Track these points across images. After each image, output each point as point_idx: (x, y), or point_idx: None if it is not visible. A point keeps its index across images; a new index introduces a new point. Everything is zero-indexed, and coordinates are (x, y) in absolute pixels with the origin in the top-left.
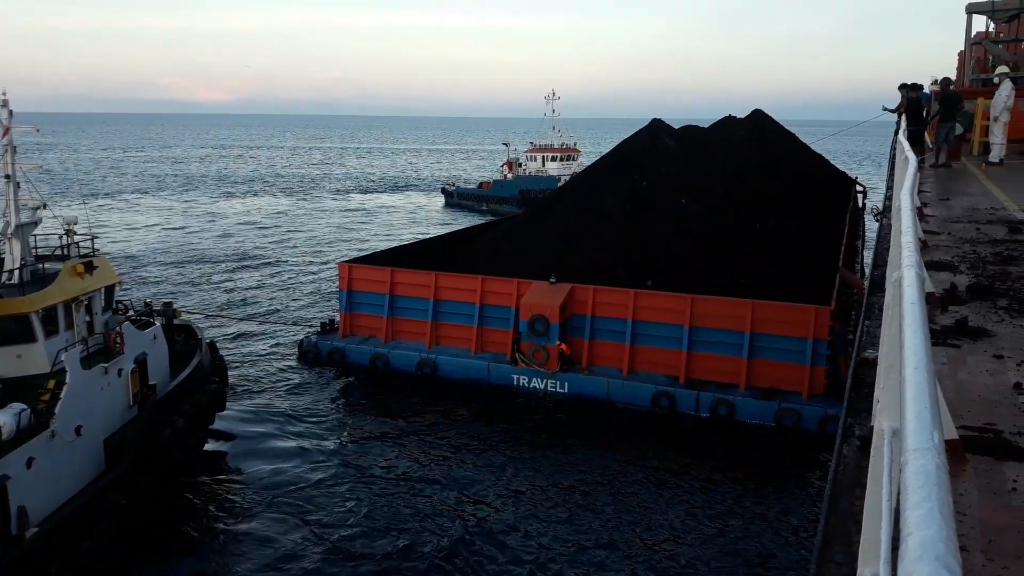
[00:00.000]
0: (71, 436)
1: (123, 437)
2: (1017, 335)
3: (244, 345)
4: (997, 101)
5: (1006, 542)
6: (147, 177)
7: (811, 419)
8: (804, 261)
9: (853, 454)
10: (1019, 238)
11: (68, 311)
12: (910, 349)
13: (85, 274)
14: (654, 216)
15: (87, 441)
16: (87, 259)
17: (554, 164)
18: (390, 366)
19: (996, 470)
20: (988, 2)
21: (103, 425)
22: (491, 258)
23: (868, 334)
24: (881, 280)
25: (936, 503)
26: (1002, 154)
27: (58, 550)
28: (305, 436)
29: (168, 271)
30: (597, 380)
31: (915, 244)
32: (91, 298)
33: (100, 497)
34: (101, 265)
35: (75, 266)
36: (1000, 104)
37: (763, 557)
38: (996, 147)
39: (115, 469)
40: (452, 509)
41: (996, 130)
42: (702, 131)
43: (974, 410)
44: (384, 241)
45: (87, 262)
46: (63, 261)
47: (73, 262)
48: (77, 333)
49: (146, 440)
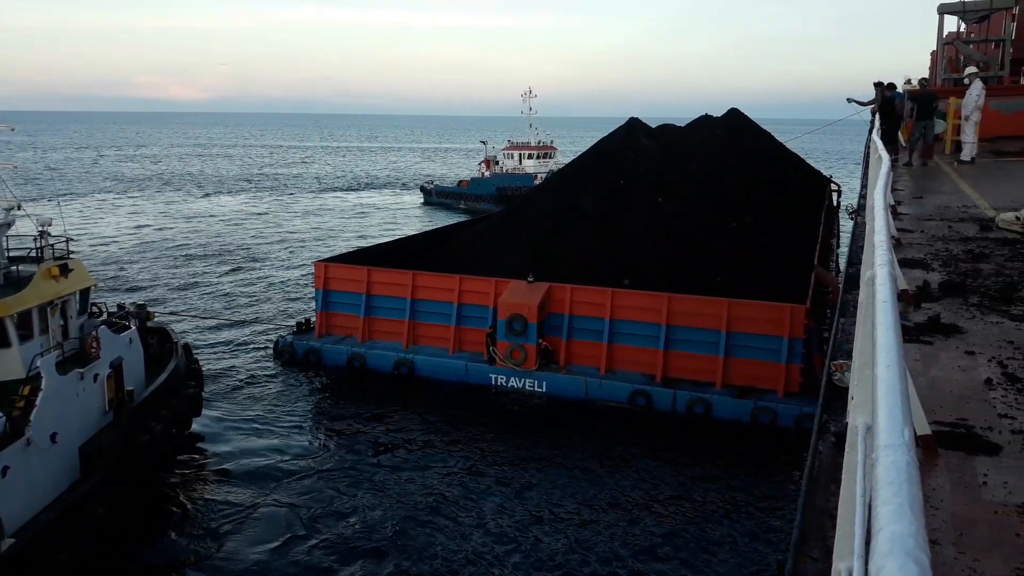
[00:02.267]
0: (46, 444)
1: (99, 444)
2: (987, 332)
3: (218, 346)
4: (968, 100)
5: (977, 535)
6: (122, 177)
7: (787, 417)
8: (780, 259)
9: (828, 450)
10: (989, 236)
11: (43, 315)
12: (882, 347)
13: (60, 277)
14: (631, 215)
15: (62, 448)
16: (62, 261)
17: (531, 162)
18: (367, 366)
19: (967, 464)
20: (959, 3)
21: (79, 432)
22: (469, 257)
23: (843, 332)
24: (855, 278)
25: (906, 498)
26: (974, 152)
27: (35, 561)
28: (281, 438)
29: (141, 272)
30: (575, 379)
31: (887, 243)
32: (66, 301)
33: (77, 506)
34: (76, 268)
35: (50, 269)
36: (971, 103)
37: (739, 552)
38: (968, 146)
39: (91, 477)
40: (432, 508)
41: (968, 129)
42: (679, 130)
43: (946, 406)
44: (363, 240)
45: (62, 264)
46: (37, 263)
47: (48, 264)
48: (52, 337)
49: (123, 447)
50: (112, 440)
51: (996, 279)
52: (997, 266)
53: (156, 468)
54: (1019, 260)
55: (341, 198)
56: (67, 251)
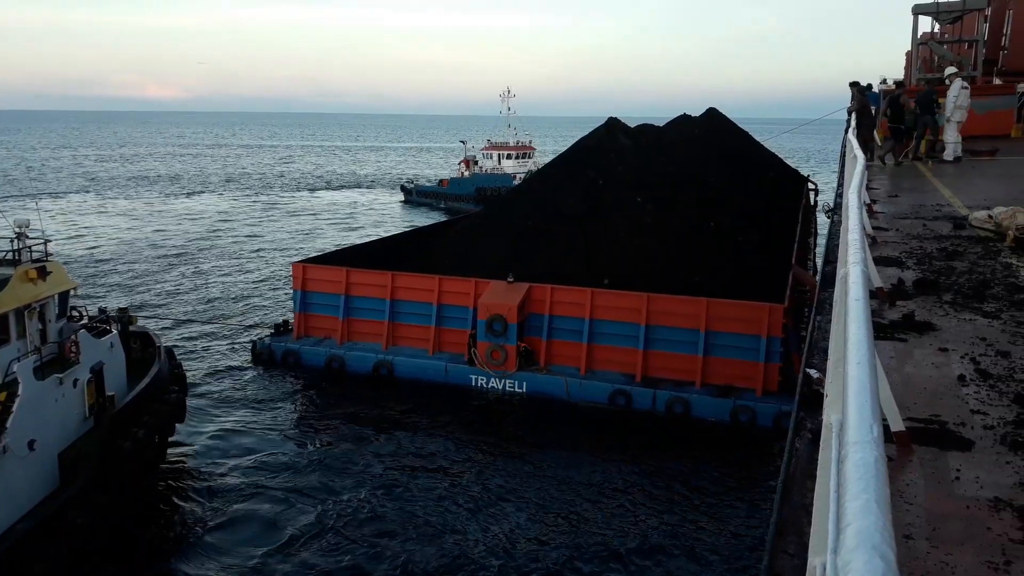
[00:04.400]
0: (24, 451)
1: (79, 451)
2: (960, 329)
3: (195, 348)
4: (948, 101)
5: (949, 529)
6: (100, 177)
7: (766, 415)
8: (758, 258)
9: (805, 447)
10: (963, 234)
11: (20, 319)
12: (853, 344)
13: (38, 280)
14: (610, 214)
15: (41, 456)
16: (40, 264)
17: (510, 162)
18: (346, 368)
19: (941, 460)
20: (933, 4)
21: (58, 439)
22: (449, 257)
23: (819, 330)
24: (832, 276)
25: (873, 494)
26: (958, 152)
27: (12, 573)
28: (260, 442)
29: (118, 274)
30: (555, 379)
31: (861, 241)
32: (44, 305)
33: (55, 515)
34: (55, 270)
35: (27, 271)
36: (951, 104)
37: (717, 548)
38: (951, 146)
39: (70, 485)
40: (410, 510)
41: (949, 129)
42: (658, 129)
43: (920, 402)
44: (344, 240)
45: (40, 267)
46: (14, 266)
47: (25, 267)
48: (30, 342)
49: (103, 453)
50: (92, 447)
51: (969, 277)
52: (970, 264)
53: (138, 476)
54: (991, 258)
55: (321, 197)
56: (45, 253)
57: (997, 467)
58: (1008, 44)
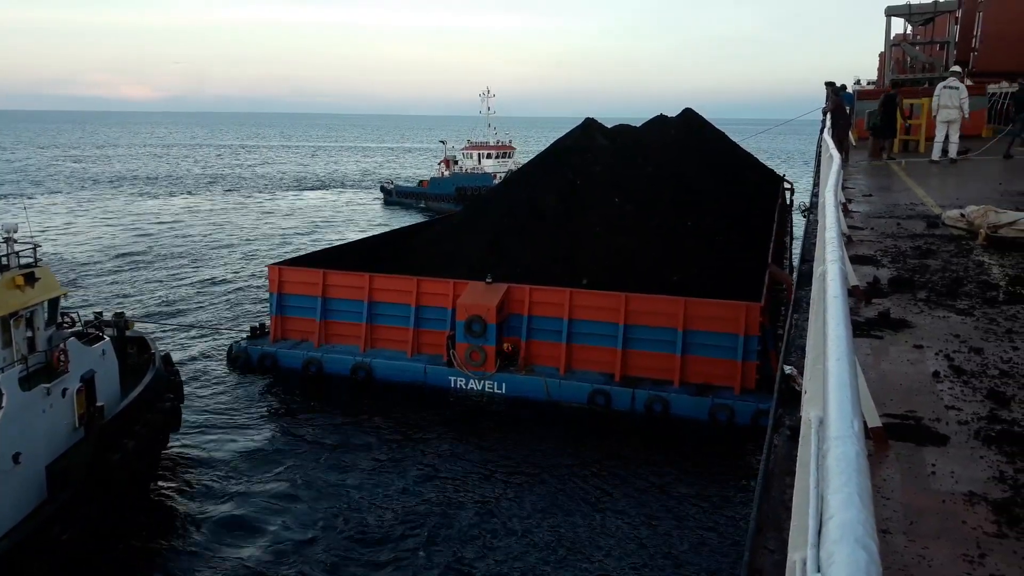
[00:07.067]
0: (8, 464)
1: (68, 463)
2: (935, 326)
3: (170, 352)
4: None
5: (926, 524)
6: (76, 178)
7: (744, 413)
8: (735, 258)
9: (783, 444)
10: (936, 232)
11: (6, 327)
12: (832, 341)
13: (26, 286)
14: (588, 215)
15: (27, 469)
16: (28, 270)
17: (489, 161)
18: (324, 371)
19: (917, 455)
20: (905, 5)
21: (45, 450)
22: (427, 258)
23: (796, 328)
24: (808, 274)
25: (855, 488)
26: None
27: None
28: (236, 447)
29: (92, 277)
30: (534, 380)
31: (838, 240)
32: (32, 312)
33: (42, 530)
34: (44, 276)
35: (14, 278)
36: (935, 105)
37: (697, 545)
38: (938, 145)
39: (58, 498)
40: (391, 512)
41: (951, 129)
42: (635, 130)
43: (896, 398)
44: (324, 241)
45: (28, 273)
46: (1, 272)
47: (12, 273)
48: (17, 351)
49: (92, 465)
50: (82, 458)
51: (943, 275)
52: (943, 262)
53: (128, 487)
54: (964, 256)
55: (300, 197)
56: (35, 258)
57: (971, 461)
58: (978, 45)
